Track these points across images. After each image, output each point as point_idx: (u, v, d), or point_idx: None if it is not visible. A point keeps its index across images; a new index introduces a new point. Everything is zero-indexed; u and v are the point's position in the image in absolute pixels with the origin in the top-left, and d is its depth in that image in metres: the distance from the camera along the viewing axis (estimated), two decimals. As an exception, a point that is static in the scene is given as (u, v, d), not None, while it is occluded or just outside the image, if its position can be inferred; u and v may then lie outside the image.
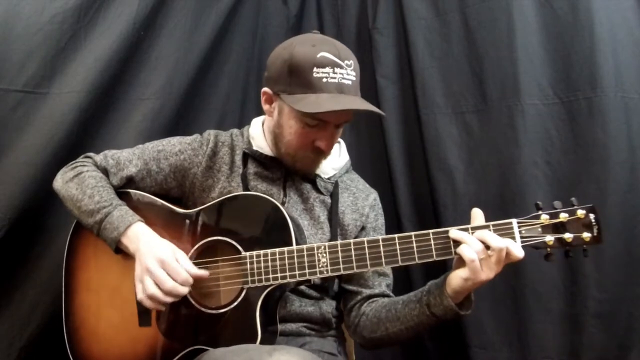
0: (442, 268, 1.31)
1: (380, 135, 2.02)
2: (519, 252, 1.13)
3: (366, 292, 1.39)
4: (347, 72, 1.25)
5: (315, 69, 1.23)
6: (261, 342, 1.20)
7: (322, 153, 1.33)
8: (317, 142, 1.30)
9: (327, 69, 1.23)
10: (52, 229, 1.65)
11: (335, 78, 1.23)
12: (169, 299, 1.22)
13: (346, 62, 1.25)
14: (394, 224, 1.92)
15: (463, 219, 1.81)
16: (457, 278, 1.17)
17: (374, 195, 1.48)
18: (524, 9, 1.73)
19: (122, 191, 1.39)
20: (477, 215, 1.20)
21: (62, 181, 1.39)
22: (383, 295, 1.39)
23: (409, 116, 1.99)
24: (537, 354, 1.71)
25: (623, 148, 1.61)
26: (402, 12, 1.96)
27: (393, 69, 2.02)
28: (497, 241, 1.12)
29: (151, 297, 1.22)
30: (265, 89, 1.33)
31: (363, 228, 1.43)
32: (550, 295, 1.70)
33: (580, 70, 1.66)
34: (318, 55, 1.23)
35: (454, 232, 1.17)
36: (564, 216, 1.15)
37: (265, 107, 1.36)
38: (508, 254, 1.13)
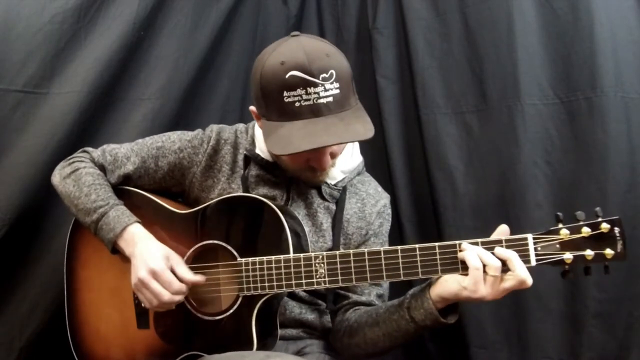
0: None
1: (380, 135, 2.02)
2: (528, 284, 1.05)
3: (354, 297, 1.34)
4: (325, 88, 1.11)
5: (285, 93, 1.11)
6: (258, 349, 1.18)
7: (320, 170, 1.27)
8: (311, 162, 1.24)
9: (299, 91, 1.10)
10: (52, 228, 1.65)
11: (309, 100, 1.11)
12: (166, 308, 1.23)
13: (322, 75, 1.11)
14: (394, 224, 1.90)
15: (463, 219, 1.84)
16: (454, 283, 1.09)
17: (383, 201, 1.41)
18: (524, 9, 1.73)
19: (120, 188, 1.38)
20: (501, 232, 1.11)
21: (59, 177, 1.38)
22: (371, 304, 1.34)
23: (409, 116, 1.99)
24: (537, 354, 1.71)
25: (623, 148, 1.61)
26: (402, 12, 1.96)
27: (393, 69, 2.01)
28: (522, 271, 1.04)
29: (155, 307, 1.23)
30: (252, 107, 1.27)
31: (366, 234, 1.38)
32: (550, 295, 1.69)
33: (580, 70, 1.65)
34: (287, 76, 1.10)
35: (465, 245, 1.08)
36: (586, 231, 1.05)
37: (258, 123, 1.30)
38: (521, 284, 1.05)
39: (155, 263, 1.20)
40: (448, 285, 1.11)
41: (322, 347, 1.36)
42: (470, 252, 1.07)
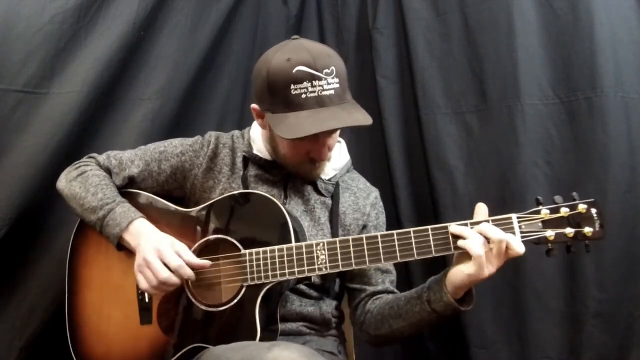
0: (442, 264, 1.30)
1: (380, 135, 2.02)
2: (519, 246, 1.11)
3: (370, 289, 1.39)
4: (328, 82, 1.21)
5: (292, 86, 1.20)
6: (261, 340, 1.20)
7: (319, 162, 1.34)
8: (311, 154, 1.31)
9: (305, 84, 1.20)
10: (52, 228, 1.65)
11: (314, 92, 1.20)
12: (165, 288, 1.24)
13: (325, 70, 1.21)
14: (394, 224, 1.92)
15: (463, 219, 1.83)
16: (459, 273, 1.16)
17: (374, 194, 1.48)
18: (524, 9, 1.73)
19: (124, 191, 1.40)
20: (480, 210, 1.19)
21: (65, 180, 1.40)
22: (387, 291, 1.39)
23: (409, 116, 1.99)
24: (537, 354, 1.71)
25: (623, 148, 1.61)
26: (402, 12, 1.96)
27: (393, 69, 2.02)
28: (496, 233, 1.11)
29: (154, 287, 1.25)
30: (253, 105, 1.32)
31: (364, 227, 1.43)
32: (550, 295, 1.70)
33: (580, 70, 1.66)
34: (294, 71, 1.20)
35: (454, 228, 1.16)
36: (564, 211, 1.13)
37: (258, 121, 1.36)
38: (508, 247, 1.11)
39: (161, 245, 1.25)
40: (454, 278, 1.17)
41: (320, 345, 1.37)
42: (472, 243, 1.12)
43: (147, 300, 1.32)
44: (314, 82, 1.20)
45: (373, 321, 1.35)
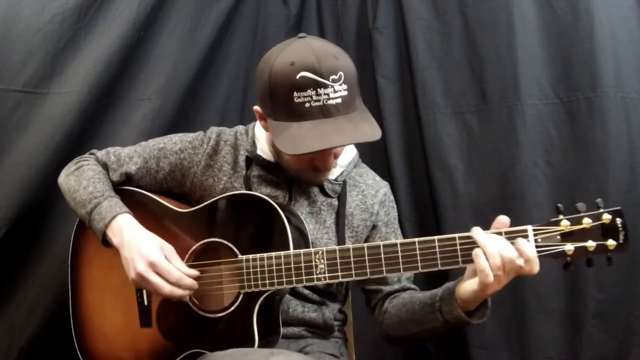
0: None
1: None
2: (534, 268, 1.06)
3: (386, 289, 1.36)
4: (334, 90, 1.12)
5: (295, 94, 1.12)
6: (260, 346, 1.19)
7: (323, 171, 1.28)
8: (315, 162, 1.24)
9: (309, 92, 1.11)
10: (52, 229, 1.65)
11: (319, 100, 1.12)
12: (172, 298, 1.22)
13: (332, 77, 1.12)
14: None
15: (463, 219, 1.84)
16: (466, 289, 1.12)
17: (384, 190, 1.42)
18: (524, 9, 1.73)
19: (122, 188, 1.38)
20: (499, 222, 1.12)
21: (64, 175, 1.39)
22: (404, 289, 1.36)
23: (409, 116, 1.99)
24: (537, 354, 1.71)
25: (623, 148, 1.61)
26: (402, 12, 1.96)
27: (393, 69, 2.02)
28: (511, 253, 1.05)
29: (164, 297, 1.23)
30: (256, 107, 1.26)
31: (374, 227, 1.39)
32: (550, 295, 1.70)
33: (580, 70, 1.65)
34: (297, 77, 1.11)
35: (478, 232, 1.09)
36: (587, 222, 1.03)
37: (261, 123, 1.29)
38: (522, 268, 1.06)
39: (151, 254, 1.19)
40: (462, 292, 1.14)
41: (323, 347, 1.36)
42: (479, 254, 1.08)
43: (146, 303, 1.31)
44: (319, 90, 1.12)
45: (391, 322, 1.32)
